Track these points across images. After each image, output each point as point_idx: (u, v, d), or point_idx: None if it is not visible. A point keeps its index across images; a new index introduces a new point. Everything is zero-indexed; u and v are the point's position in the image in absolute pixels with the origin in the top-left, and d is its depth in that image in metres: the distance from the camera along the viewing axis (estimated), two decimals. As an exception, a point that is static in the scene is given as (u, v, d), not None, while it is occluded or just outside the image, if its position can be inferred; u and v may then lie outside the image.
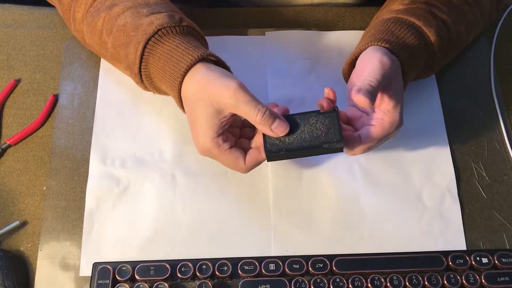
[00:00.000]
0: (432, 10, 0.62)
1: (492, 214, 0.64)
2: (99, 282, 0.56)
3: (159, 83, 0.60)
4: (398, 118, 0.56)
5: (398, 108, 0.56)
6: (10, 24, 0.73)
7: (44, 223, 0.61)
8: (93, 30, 0.62)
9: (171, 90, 0.58)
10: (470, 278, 0.58)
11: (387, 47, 0.58)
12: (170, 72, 0.57)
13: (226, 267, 0.57)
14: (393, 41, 0.59)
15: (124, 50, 0.59)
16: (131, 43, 0.58)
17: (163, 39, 0.57)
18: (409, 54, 0.59)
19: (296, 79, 0.70)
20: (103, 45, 0.62)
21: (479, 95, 0.71)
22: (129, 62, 0.60)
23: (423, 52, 0.61)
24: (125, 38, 0.59)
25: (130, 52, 0.59)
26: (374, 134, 0.56)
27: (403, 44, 0.59)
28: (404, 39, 0.59)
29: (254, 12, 0.76)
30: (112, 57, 0.62)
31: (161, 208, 0.62)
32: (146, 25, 0.58)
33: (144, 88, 0.62)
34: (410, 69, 0.60)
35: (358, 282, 0.57)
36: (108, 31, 0.60)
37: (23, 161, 0.64)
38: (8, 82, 0.69)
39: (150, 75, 0.60)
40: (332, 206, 0.63)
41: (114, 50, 0.61)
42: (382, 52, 0.56)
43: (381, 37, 0.59)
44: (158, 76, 0.58)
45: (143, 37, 0.57)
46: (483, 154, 0.67)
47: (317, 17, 0.75)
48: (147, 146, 0.65)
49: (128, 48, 0.59)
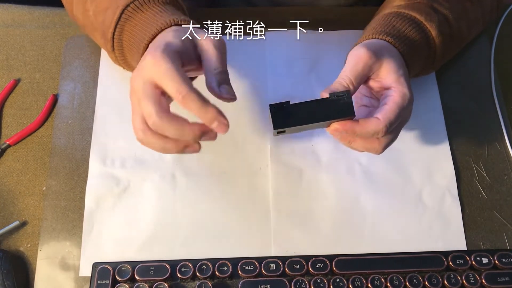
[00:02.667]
0: (434, 6, 0.62)
1: (492, 214, 0.64)
2: (99, 282, 0.56)
3: (127, 52, 0.59)
4: (407, 90, 0.54)
5: (402, 80, 0.55)
6: (10, 24, 0.73)
7: (44, 223, 0.61)
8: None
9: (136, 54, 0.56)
10: (470, 278, 0.58)
11: (388, 40, 0.58)
12: (139, 37, 0.56)
13: (226, 267, 0.57)
14: (394, 34, 0.59)
15: (102, 16, 0.59)
16: (110, 8, 0.59)
17: (143, 7, 0.57)
18: (410, 48, 0.59)
19: (296, 79, 0.70)
20: (86, 13, 0.62)
21: (479, 95, 0.71)
22: (104, 28, 0.59)
23: (424, 46, 0.61)
24: (105, 4, 0.59)
25: (107, 17, 0.59)
26: (389, 109, 0.53)
27: (404, 37, 0.59)
28: (405, 33, 0.59)
29: (254, 12, 0.76)
30: (92, 25, 0.62)
31: (161, 208, 0.62)
32: None
33: (114, 60, 0.62)
34: (411, 63, 0.59)
35: (358, 282, 0.57)
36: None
37: (22, 161, 0.64)
38: (8, 82, 0.69)
39: (122, 42, 0.59)
40: (332, 206, 0.63)
41: (94, 17, 0.61)
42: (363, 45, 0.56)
43: (382, 30, 0.59)
44: (128, 43, 0.58)
45: (122, 1, 0.58)
46: (483, 154, 0.67)
47: (317, 17, 0.75)
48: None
49: (106, 13, 0.59)
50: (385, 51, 0.56)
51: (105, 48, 0.62)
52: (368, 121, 0.53)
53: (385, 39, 0.58)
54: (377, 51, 0.55)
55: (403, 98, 0.54)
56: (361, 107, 0.60)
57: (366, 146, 0.56)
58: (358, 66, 0.55)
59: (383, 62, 0.55)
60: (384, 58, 0.55)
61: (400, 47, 0.58)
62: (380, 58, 0.55)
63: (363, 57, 0.54)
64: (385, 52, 0.56)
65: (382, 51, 0.56)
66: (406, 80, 0.55)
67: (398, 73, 0.55)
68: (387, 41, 0.58)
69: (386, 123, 0.53)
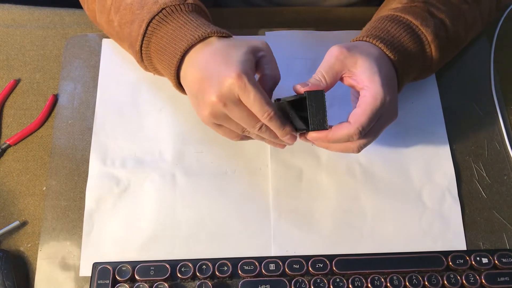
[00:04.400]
0: (430, 10, 0.62)
1: (492, 214, 0.64)
2: (99, 282, 0.56)
3: (156, 63, 0.60)
4: (380, 89, 0.54)
5: (376, 78, 0.54)
6: (10, 24, 0.73)
7: (44, 223, 0.61)
8: (103, 8, 0.64)
9: (168, 68, 0.58)
10: (470, 278, 0.58)
11: (381, 46, 0.58)
12: (170, 51, 0.57)
13: (226, 267, 0.57)
14: (388, 39, 0.59)
15: (129, 28, 0.60)
16: (136, 21, 0.59)
17: (168, 18, 0.58)
18: (404, 55, 0.59)
19: (296, 79, 0.70)
20: (111, 24, 0.63)
21: (479, 95, 0.71)
22: (132, 40, 0.61)
23: (419, 52, 0.61)
24: (130, 16, 0.60)
25: (133, 30, 0.60)
26: (360, 112, 0.54)
27: (397, 43, 0.59)
28: (399, 38, 0.59)
29: (254, 12, 0.76)
30: (118, 35, 0.64)
31: (161, 208, 0.62)
32: (151, 4, 0.59)
33: (145, 68, 0.64)
34: (406, 69, 0.59)
35: (358, 282, 0.57)
36: (116, 9, 0.62)
37: (23, 161, 0.64)
38: (8, 82, 0.69)
39: (150, 54, 0.60)
40: (332, 206, 0.63)
41: (119, 28, 0.62)
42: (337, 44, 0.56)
43: (376, 34, 0.59)
44: (157, 55, 0.59)
45: (147, 15, 0.59)
46: (483, 154, 0.67)
47: (317, 17, 0.75)
48: (147, 146, 0.65)
49: (132, 26, 0.60)
50: (360, 49, 0.56)
51: (134, 57, 0.63)
52: (340, 127, 0.54)
53: (377, 45, 0.58)
54: (351, 48, 0.55)
55: (375, 98, 0.54)
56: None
57: (341, 148, 0.57)
58: (330, 61, 0.55)
59: (358, 59, 0.55)
60: (358, 55, 0.55)
61: (392, 54, 0.58)
62: (354, 55, 0.55)
63: (335, 52, 0.55)
64: (360, 50, 0.56)
65: (357, 48, 0.56)
66: (382, 78, 0.54)
67: (372, 70, 0.55)
68: (379, 47, 0.58)
69: (358, 126, 0.53)
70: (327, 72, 0.55)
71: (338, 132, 0.54)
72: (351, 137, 0.54)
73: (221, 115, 0.54)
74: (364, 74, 0.55)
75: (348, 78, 0.56)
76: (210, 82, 0.53)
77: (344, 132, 0.54)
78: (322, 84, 0.55)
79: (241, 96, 0.52)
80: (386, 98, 0.54)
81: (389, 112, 0.56)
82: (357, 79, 0.55)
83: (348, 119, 0.54)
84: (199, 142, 0.66)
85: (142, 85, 0.69)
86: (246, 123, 0.54)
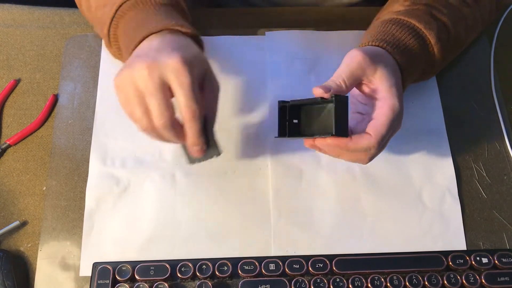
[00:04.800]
0: (433, 12, 0.62)
1: (492, 214, 0.64)
2: (99, 282, 0.56)
3: (123, 47, 0.60)
4: (397, 101, 0.54)
5: (394, 90, 0.55)
6: (10, 24, 0.73)
7: (44, 223, 0.61)
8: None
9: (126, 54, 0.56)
10: (470, 278, 0.58)
11: (387, 48, 0.58)
12: (132, 36, 0.57)
13: (226, 267, 0.57)
14: (393, 43, 0.59)
15: (101, 11, 0.61)
16: (108, 5, 0.60)
17: (139, 5, 0.58)
18: (408, 57, 0.59)
19: (296, 79, 0.70)
20: (90, 9, 0.64)
21: (479, 95, 0.71)
22: (102, 23, 0.61)
23: (422, 54, 0.61)
24: (105, 0, 0.60)
25: (105, 12, 0.60)
26: (380, 124, 0.54)
27: (402, 46, 0.59)
28: (404, 41, 0.59)
29: (254, 12, 0.76)
30: (94, 20, 0.64)
31: (161, 208, 0.62)
32: None
33: (113, 54, 0.64)
34: (409, 71, 0.59)
35: (358, 282, 0.57)
36: None
37: (23, 161, 0.64)
38: (8, 82, 0.69)
39: (117, 38, 0.60)
40: (332, 206, 0.63)
41: (95, 12, 0.62)
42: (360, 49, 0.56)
43: (380, 38, 0.59)
44: (122, 39, 0.59)
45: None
46: (483, 154, 0.67)
47: (317, 17, 0.75)
48: (147, 146, 0.65)
49: (104, 9, 0.60)
50: (381, 58, 0.57)
51: (104, 41, 0.64)
52: (361, 137, 0.54)
53: (383, 47, 0.58)
54: (373, 56, 0.55)
55: (393, 110, 0.54)
56: (355, 113, 0.60)
57: (353, 158, 0.57)
58: (352, 66, 0.55)
59: (378, 68, 0.55)
60: (379, 65, 0.55)
61: (398, 57, 0.58)
62: (375, 64, 0.55)
63: (358, 58, 0.55)
64: (380, 59, 0.56)
65: (378, 57, 0.56)
66: (398, 90, 0.55)
67: (390, 82, 0.55)
68: (385, 49, 0.58)
69: (378, 139, 0.54)
70: (348, 78, 0.55)
71: (359, 142, 0.54)
72: (369, 149, 0.54)
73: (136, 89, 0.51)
74: (382, 85, 0.55)
75: (365, 85, 0.57)
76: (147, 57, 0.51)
77: (365, 143, 0.54)
78: (343, 89, 0.55)
79: (174, 80, 0.50)
80: (401, 110, 0.55)
81: (398, 124, 0.57)
82: (375, 88, 0.56)
83: (367, 131, 0.54)
84: (199, 142, 0.66)
85: (142, 85, 0.69)
86: (157, 112, 0.50)
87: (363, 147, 0.54)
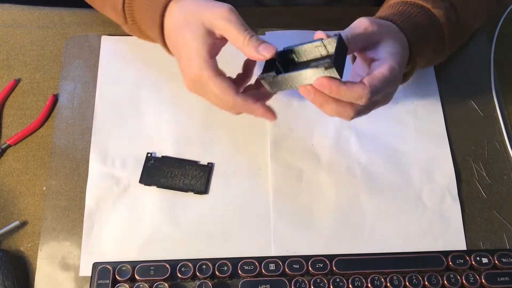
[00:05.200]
0: None
1: (492, 214, 0.64)
2: (99, 282, 0.56)
3: (140, 22, 0.60)
4: (397, 66, 0.53)
5: (396, 58, 0.53)
6: (10, 24, 0.73)
7: (44, 223, 0.61)
8: None
9: (153, 25, 0.57)
10: (470, 278, 0.58)
11: (396, 22, 0.57)
12: (152, 7, 0.57)
13: (226, 267, 0.57)
14: (404, 19, 0.58)
15: None
16: None
17: None
18: (419, 34, 0.58)
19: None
20: None
21: (479, 94, 0.71)
22: (114, 1, 0.60)
23: (433, 32, 0.60)
24: None
25: None
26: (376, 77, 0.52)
27: (413, 23, 0.58)
28: (415, 19, 0.59)
29: (254, 12, 0.76)
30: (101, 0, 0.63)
31: (161, 208, 0.62)
32: None
33: (129, 31, 0.63)
34: (420, 49, 0.59)
35: (358, 282, 0.57)
36: None
37: (23, 161, 0.64)
38: (8, 82, 0.69)
39: (133, 13, 0.60)
40: (332, 206, 0.63)
41: None
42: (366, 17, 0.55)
43: (390, 13, 0.59)
44: (140, 13, 0.59)
45: None
46: (483, 154, 0.67)
47: (317, 17, 0.75)
48: (147, 146, 0.65)
49: None
50: (389, 29, 0.56)
51: (117, 21, 0.63)
52: (355, 84, 0.51)
53: (393, 20, 0.57)
54: (380, 25, 0.55)
55: (391, 71, 0.52)
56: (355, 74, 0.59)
57: (338, 109, 0.53)
58: (358, 28, 0.54)
59: (384, 38, 0.54)
60: (385, 35, 0.55)
61: (409, 33, 0.57)
62: (381, 32, 0.54)
63: (365, 22, 0.54)
64: (388, 30, 0.55)
65: (385, 27, 0.55)
66: (400, 58, 0.54)
67: (394, 50, 0.54)
68: (395, 23, 0.57)
69: (372, 89, 0.51)
70: (353, 37, 0.53)
71: (353, 88, 0.51)
72: (359, 98, 0.51)
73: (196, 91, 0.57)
74: (385, 50, 0.54)
75: (368, 51, 0.55)
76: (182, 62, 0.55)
77: (358, 90, 0.51)
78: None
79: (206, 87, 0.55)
80: (397, 78, 0.53)
81: (390, 91, 0.55)
82: (377, 52, 0.54)
83: (362, 81, 0.52)
84: (199, 142, 0.66)
85: (142, 85, 0.69)
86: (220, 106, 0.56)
87: (354, 95, 0.51)
